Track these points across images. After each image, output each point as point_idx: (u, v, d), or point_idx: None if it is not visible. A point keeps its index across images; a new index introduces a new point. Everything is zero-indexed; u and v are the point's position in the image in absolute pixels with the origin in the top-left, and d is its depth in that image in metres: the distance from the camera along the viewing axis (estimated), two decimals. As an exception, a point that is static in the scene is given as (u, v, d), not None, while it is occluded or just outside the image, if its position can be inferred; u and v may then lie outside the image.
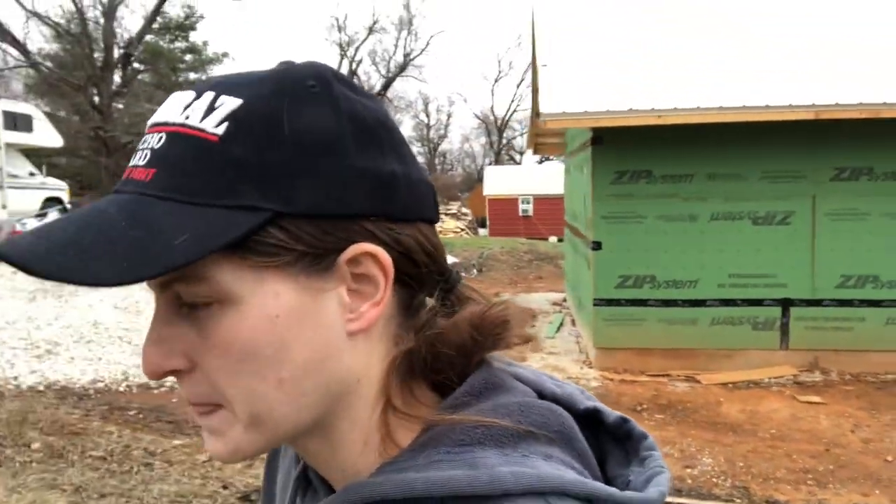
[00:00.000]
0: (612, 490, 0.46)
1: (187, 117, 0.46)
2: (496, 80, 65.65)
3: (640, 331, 6.60)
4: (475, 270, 14.70)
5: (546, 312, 9.79)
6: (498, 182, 25.51)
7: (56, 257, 0.41)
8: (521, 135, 64.48)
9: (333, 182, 0.46)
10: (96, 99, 28.51)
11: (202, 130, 0.45)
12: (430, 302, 0.53)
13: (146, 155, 0.47)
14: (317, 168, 0.45)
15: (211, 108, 0.46)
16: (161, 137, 0.46)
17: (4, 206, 13.83)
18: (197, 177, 0.44)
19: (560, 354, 7.27)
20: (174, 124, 0.46)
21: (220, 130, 0.45)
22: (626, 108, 5.75)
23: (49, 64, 29.62)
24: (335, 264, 0.47)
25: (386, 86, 51.80)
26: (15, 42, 27.55)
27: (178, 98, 0.48)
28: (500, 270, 14.98)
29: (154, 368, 0.47)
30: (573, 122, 5.94)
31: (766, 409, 5.51)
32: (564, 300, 10.55)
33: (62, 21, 29.35)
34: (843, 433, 5.00)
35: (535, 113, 10.30)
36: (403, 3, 51.24)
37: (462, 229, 22.94)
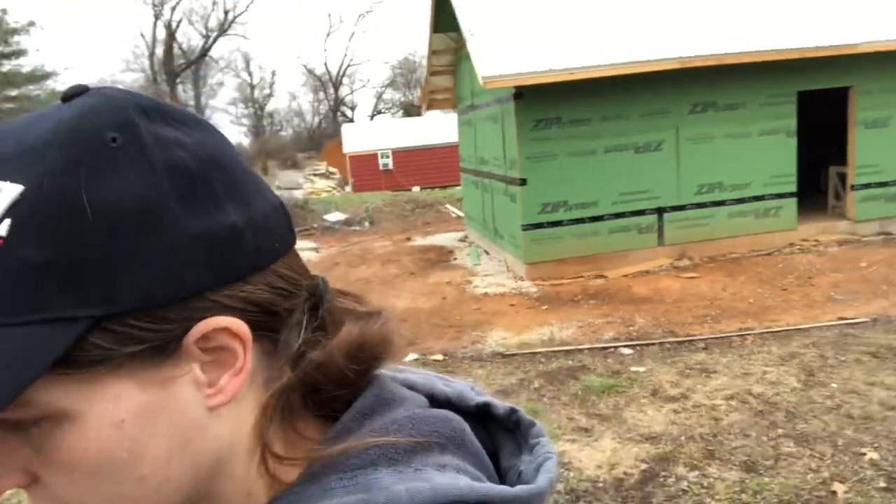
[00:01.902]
0: (503, 489, 0.45)
1: None
2: (328, 35, 64.69)
3: (558, 245, 8.35)
4: (367, 223, 15.81)
5: (457, 248, 11.33)
6: (357, 139, 26.38)
7: None
8: (353, 92, 64.67)
9: (162, 262, 0.39)
10: None
11: None
12: (297, 318, 0.48)
13: None
14: (138, 252, 0.38)
15: None
16: None
17: None
18: None
19: (494, 275, 8.86)
20: None
21: (2, 231, 0.37)
22: (546, 69, 7.28)
23: None
24: (180, 347, 0.41)
25: (206, 48, 49.59)
26: None
27: None
28: (390, 221, 16.23)
29: None
30: (507, 82, 7.36)
31: (663, 286, 7.51)
32: (466, 237, 12.13)
33: None
34: (717, 292, 7.09)
35: (430, 72, 11.61)
36: (218, -41, 48.85)
37: (333, 188, 23.74)
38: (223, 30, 48.00)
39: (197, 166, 0.42)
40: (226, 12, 49.05)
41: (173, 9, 46.84)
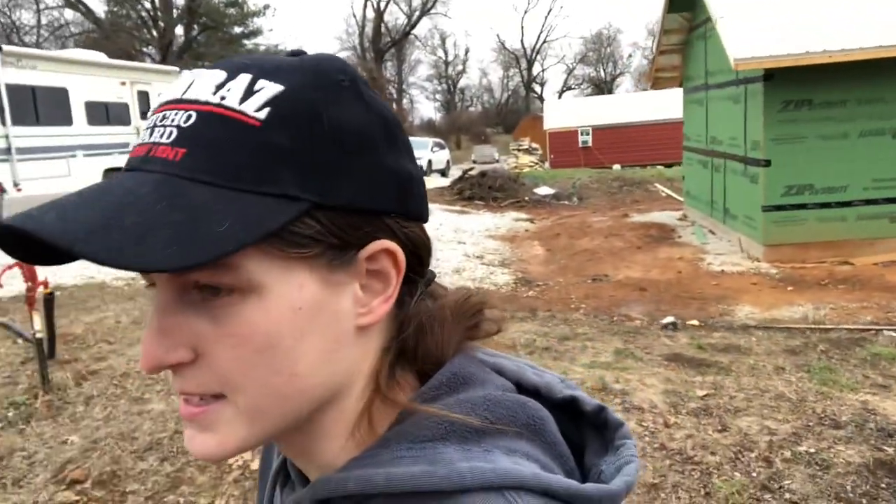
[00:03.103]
0: (570, 483, 0.46)
1: (223, 98, 0.45)
2: (526, 12, 65.15)
3: (800, 229, 8.33)
4: (575, 199, 16.30)
5: (678, 226, 11.49)
6: (557, 115, 26.84)
7: (101, 238, 0.39)
8: (544, 70, 64.66)
9: (367, 179, 0.47)
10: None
11: (242, 113, 0.45)
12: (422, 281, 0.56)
13: (171, 133, 0.45)
14: (353, 164, 0.47)
15: (250, 91, 0.45)
16: (190, 116, 0.45)
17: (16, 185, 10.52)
18: (235, 161, 0.44)
19: (726, 254, 9.02)
20: (207, 103, 0.45)
21: (262, 115, 0.45)
22: (803, 51, 7.31)
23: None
24: (355, 259, 0.48)
25: (410, 27, 52.31)
26: (86, 8, 28.44)
27: (208, 76, 0.47)
28: (597, 198, 16.57)
29: (155, 363, 0.45)
30: (759, 64, 7.49)
31: (921, 275, 7.29)
32: (685, 216, 12.22)
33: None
34: None
35: (659, 51, 11.78)
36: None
37: (535, 163, 24.53)
38: (426, 9, 50.36)
39: (393, 121, 0.51)
40: (428, -9, 51.22)
41: (382, -10, 49.78)
